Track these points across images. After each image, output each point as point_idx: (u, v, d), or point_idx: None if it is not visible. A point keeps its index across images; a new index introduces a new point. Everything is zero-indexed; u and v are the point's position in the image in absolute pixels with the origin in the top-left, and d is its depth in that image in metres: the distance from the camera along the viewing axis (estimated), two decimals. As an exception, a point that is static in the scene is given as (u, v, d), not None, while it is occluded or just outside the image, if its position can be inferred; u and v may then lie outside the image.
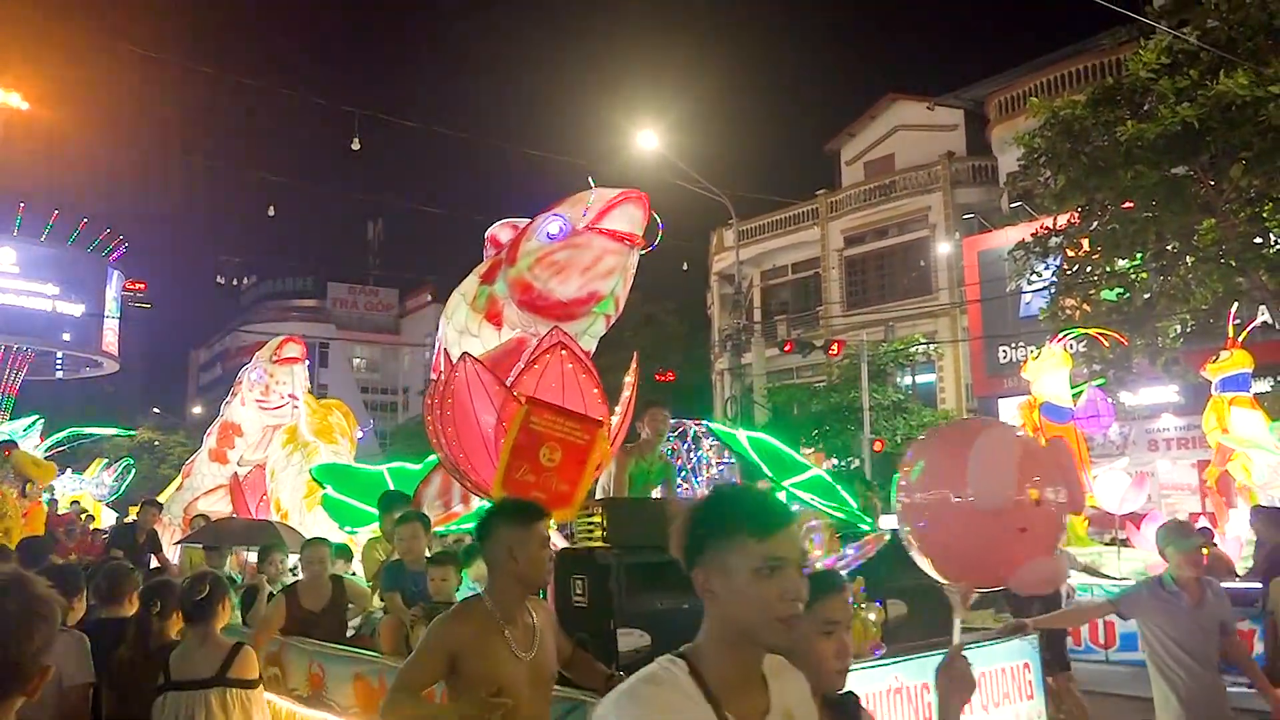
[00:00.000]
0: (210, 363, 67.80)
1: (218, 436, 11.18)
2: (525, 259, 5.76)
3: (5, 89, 35.83)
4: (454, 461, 4.79)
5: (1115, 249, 16.28)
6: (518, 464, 4.52)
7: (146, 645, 4.46)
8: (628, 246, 5.57)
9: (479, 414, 4.61)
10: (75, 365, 41.94)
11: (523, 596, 3.18)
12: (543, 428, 4.50)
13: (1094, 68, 25.25)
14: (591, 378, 4.75)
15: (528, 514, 3.17)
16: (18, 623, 1.77)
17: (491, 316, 5.98)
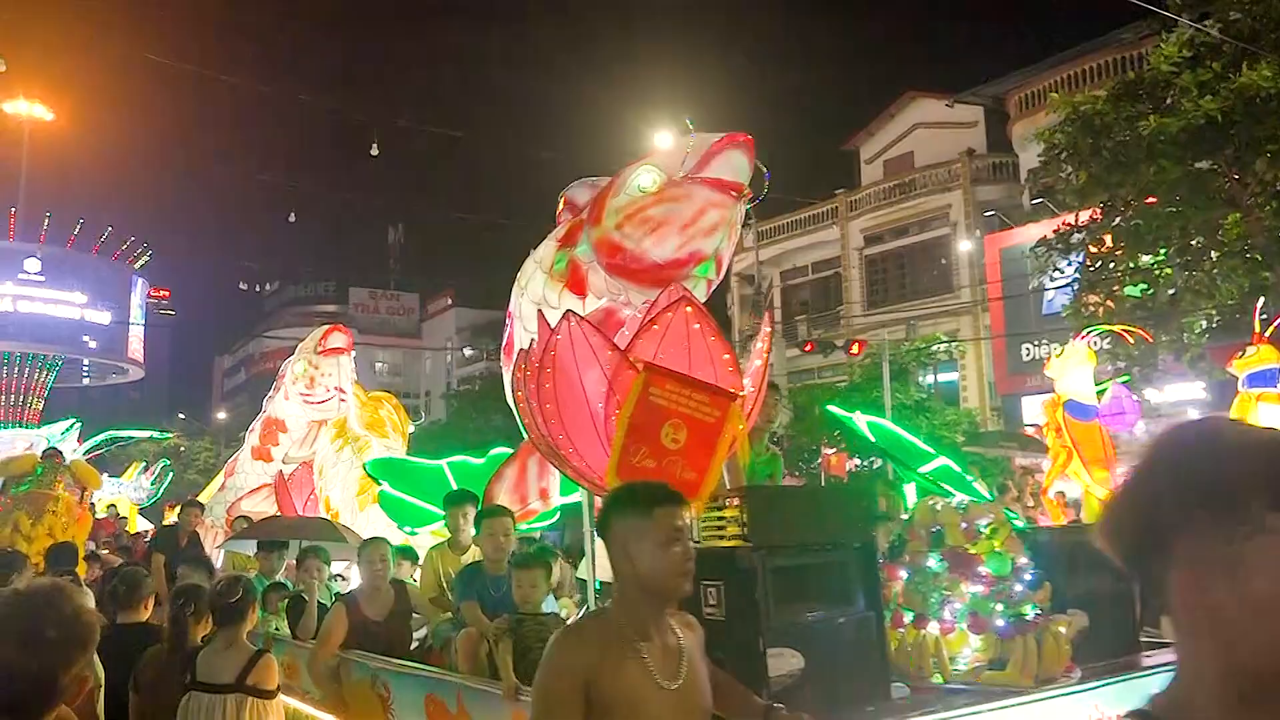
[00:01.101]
0: (234, 368, 67.24)
1: (260, 433, 10.43)
2: (613, 216, 5.00)
3: (30, 100, 35.53)
4: (553, 444, 4.01)
5: (1139, 245, 15.88)
6: (635, 446, 3.73)
7: (183, 647, 4.44)
8: (733, 198, 4.80)
9: (586, 386, 3.83)
10: (102, 372, 41.50)
11: (657, 609, 2.42)
12: (665, 401, 3.72)
13: (1115, 62, 24.90)
14: (722, 342, 3.96)
15: (646, 500, 2.43)
16: (59, 649, 1.73)
17: (574, 284, 5.23)
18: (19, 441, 19.69)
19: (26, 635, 1.73)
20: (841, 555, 3.78)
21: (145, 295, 41.42)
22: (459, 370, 51.65)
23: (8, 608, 1.79)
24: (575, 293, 5.23)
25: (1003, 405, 27.74)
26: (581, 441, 3.92)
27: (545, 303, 5.38)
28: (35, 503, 8.86)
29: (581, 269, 5.20)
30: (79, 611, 1.80)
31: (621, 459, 3.76)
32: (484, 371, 47.23)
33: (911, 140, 31.57)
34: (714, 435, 3.81)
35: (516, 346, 5.66)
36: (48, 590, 1.84)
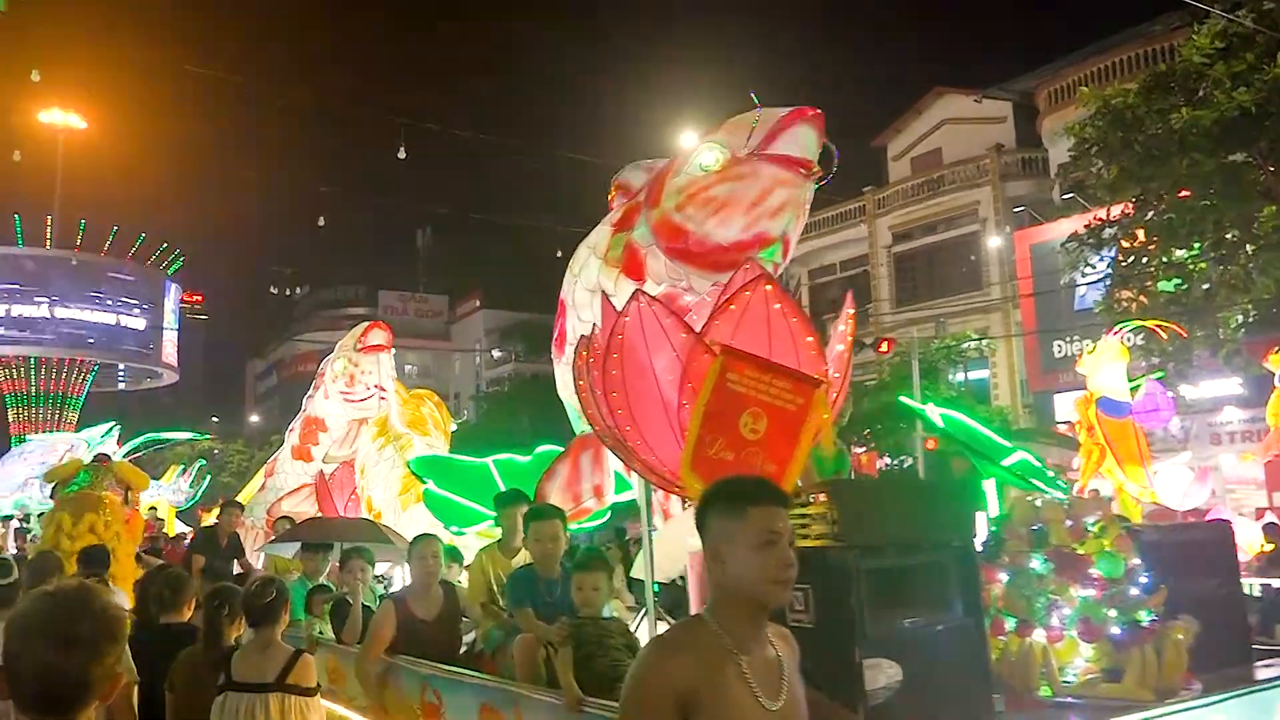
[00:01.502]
0: (266, 372, 67.36)
1: (300, 432, 10.13)
2: (673, 197, 4.66)
3: (64, 109, 35.81)
4: (619, 436, 3.67)
5: (1172, 239, 15.57)
6: (711, 436, 3.39)
7: (219, 647, 4.42)
8: (802, 176, 4.45)
9: (658, 373, 3.48)
10: (137, 377, 41.72)
11: (754, 619, 2.12)
12: (744, 388, 3.38)
13: (1145, 55, 24.37)
14: (804, 323, 3.60)
15: (739, 497, 2.13)
16: (91, 645, 1.75)
17: (631, 269, 4.89)
18: (59, 445, 19.60)
19: (59, 632, 1.73)
20: (939, 555, 3.42)
21: (178, 300, 41.66)
22: (488, 372, 51.51)
23: (40, 607, 1.79)
24: (633, 278, 4.90)
25: (1035, 403, 26.76)
26: (651, 433, 3.58)
27: (600, 289, 5.06)
28: (78, 504, 8.61)
29: (639, 253, 4.87)
30: (108, 607, 1.81)
31: (696, 451, 3.42)
32: (512, 373, 47.08)
33: (939, 137, 31.04)
34: (796, 425, 3.46)
35: (571, 336, 5.34)
36: (76, 589, 1.84)
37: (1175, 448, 18.68)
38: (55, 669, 1.72)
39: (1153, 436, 14.66)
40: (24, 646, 1.74)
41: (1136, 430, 10.90)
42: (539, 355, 50.08)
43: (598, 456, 5.45)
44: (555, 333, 5.64)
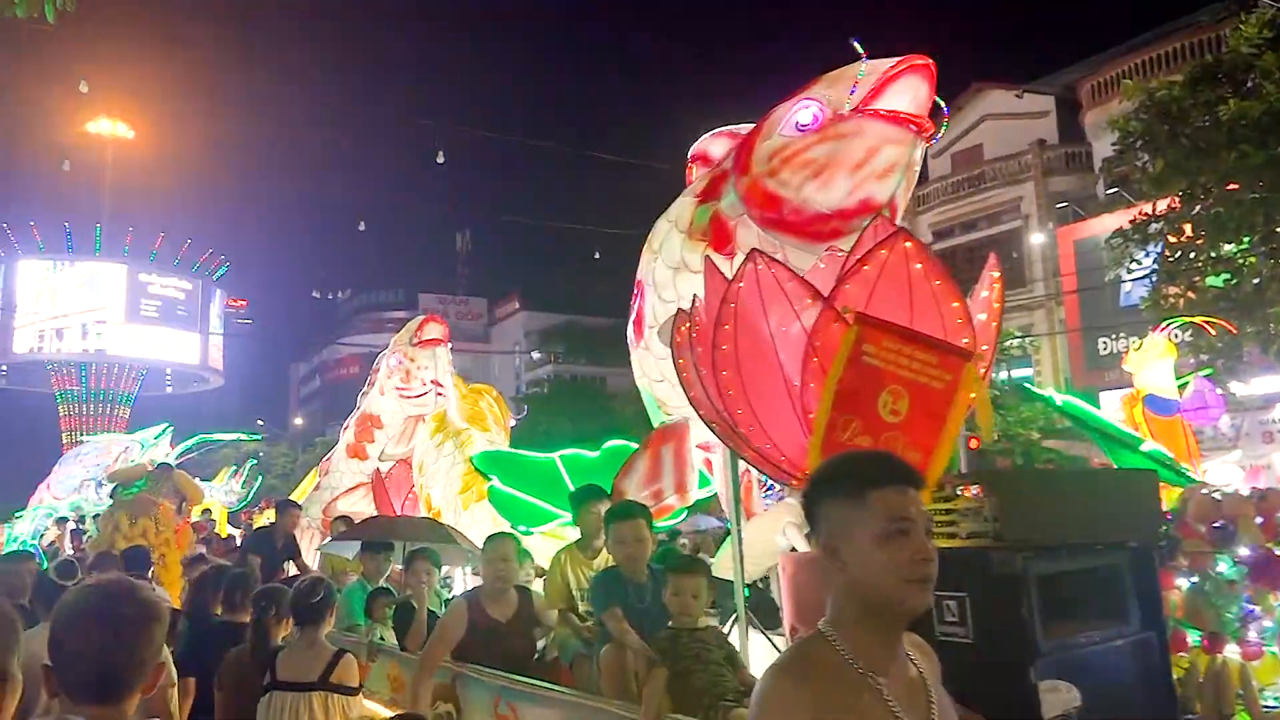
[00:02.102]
0: (309, 375, 67.51)
1: (355, 430, 9.65)
2: (766, 161, 4.13)
3: (112, 119, 36.10)
4: (729, 421, 3.14)
5: (1220, 233, 14.77)
6: (844, 419, 2.84)
7: (265, 647, 4.40)
8: (912, 133, 3.90)
9: (779, 346, 2.95)
10: (184, 381, 41.93)
11: (888, 629, 1.67)
12: (882, 362, 2.83)
13: (1191, 46, 23.66)
14: (949, 286, 3.05)
15: (856, 477, 1.70)
16: (136, 626, 1.76)
17: (719, 242, 4.37)
18: (114, 446, 19.48)
19: (106, 615, 1.74)
20: (1113, 558, 2.84)
21: (223, 305, 42.02)
22: (527, 374, 51.20)
23: (85, 595, 1.80)
24: (720, 252, 4.37)
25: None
26: (769, 416, 3.05)
27: (685, 266, 4.53)
28: (136, 506, 8.96)
29: (728, 224, 4.34)
30: (149, 593, 1.84)
31: (827, 436, 2.88)
32: (551, 375, 46.69)
33: (980, 133, 30.22)
34: (943, 405, 2.91)
35: (651, 318, 4.82)
36: (116, 578, 1.87)
37: (1226, 446, 17.89)
38: (104, 652, 1.72)
39: (1202, 435, 14.02)
40: (71, 633, 1.74)
41: (1185, 428, 10.54)
42: (578, 357, 49.76)
43: (680, 449, 4.92)
44: (632, 315, 5.12)
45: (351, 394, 10.77)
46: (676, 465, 4.88)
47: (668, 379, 4.89)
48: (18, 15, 6.18)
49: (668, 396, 4.95)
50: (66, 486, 19.52)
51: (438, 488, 7.21)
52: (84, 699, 1.71)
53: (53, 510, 19.14)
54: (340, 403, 59.43)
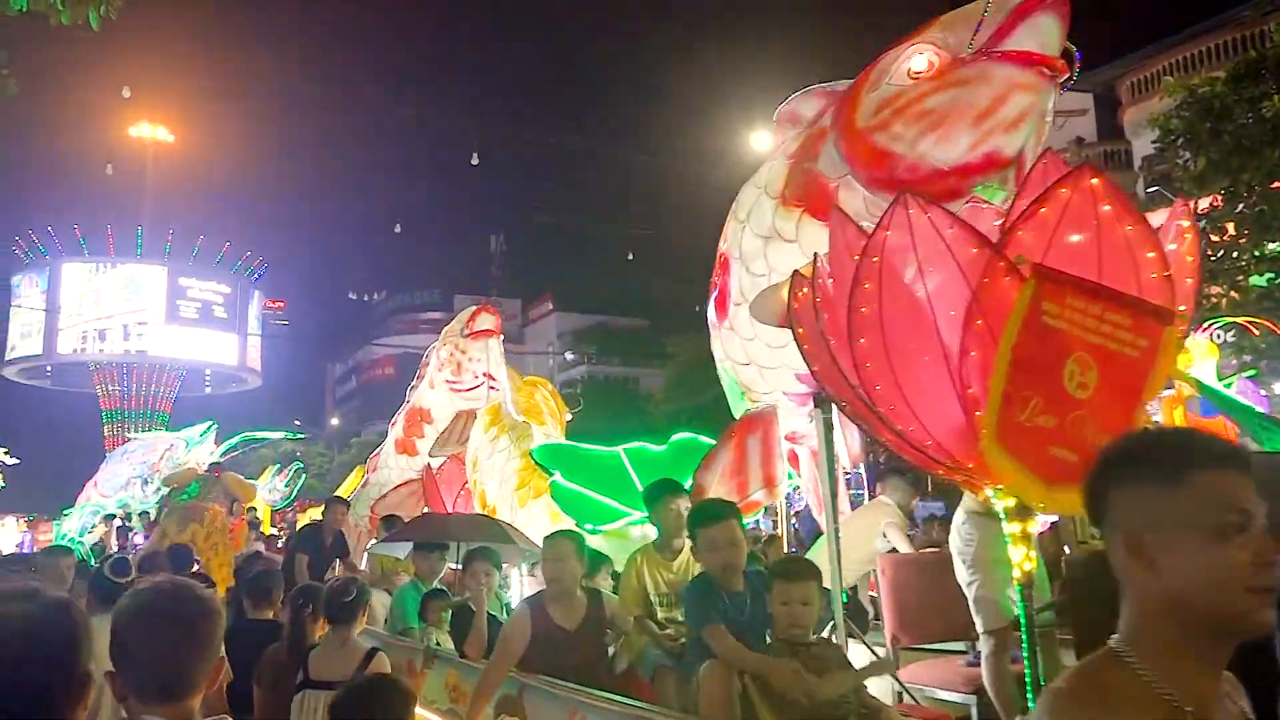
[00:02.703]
0: (345, 376, 67.44)
1: (404, 425, 9.17)
2: (874, 114, 3.62)
3: (154, 124, 36.31)
4: (866, 399, 2.63)
5: (1264, 231, 14.40)
6: (1022, 394, 2.33)
7: (301, 646, 4.36)
8: (1045, 78, 3.38)
9: (935, 306, 2.43)
10: (223, 381, 41.92)
11: (1212, 652, 1.25)
12: (1066, 324, 2.32)
13: (1233, 42, 22.89)
14: (1145, 231, 2.50)
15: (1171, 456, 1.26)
16: (200, 624, 1.76)
17: (817, 207, 3.85)
18: (160, 444, 19.35)
19: (169, 615, 1.74)
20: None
21: (261, 307, 42.01)
22: (560, 375, 50.88)
23: (145, 597, 1.79)
24: (820, 217, 3.86)
25: (1120, 400, 25.71)
26: (917, 391, 2.53)
27: (778, 234, 4.02)
28: (186, 513, 9.05)
29: (828, 186, 3.83)
30: (206, 593, 1.83)
31: (1003, 415, 2.36)
32: (585, 375, 46.28)
33: (1018, 131, 29.34)
34: (1138, 377, 2.39)
35: (737, 294, 4.32)
36: (173, 579, 1.87)
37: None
38: (172, 652, 1.72)
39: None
40: (136, 635, 1.74)
41: (1229, 431, 10.27)
42: (611, 358, 49.30)
43: (767, 440, 4.41)
44: (713, 294, 4.61)
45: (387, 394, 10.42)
46: (764, 457, 4.37)
47: (755, 361, 4.38)
48: (63, 23, 6.21)
49: (754, 381, 4.44)
50: (113, 484, 19.49)
51: (492, 484, 6.75)
52: (153, 700, 1.70)
53: (100, 508, 19.10)
54: (376, 403, 59.52)
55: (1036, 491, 2.46)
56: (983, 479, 2.58)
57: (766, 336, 4.18)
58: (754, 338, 4.24)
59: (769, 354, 4.21)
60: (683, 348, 32.46)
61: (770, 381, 4.31)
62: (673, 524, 4.33)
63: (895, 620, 4.29)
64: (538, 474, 6.43)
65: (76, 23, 6.20)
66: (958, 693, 3.87)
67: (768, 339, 4.18)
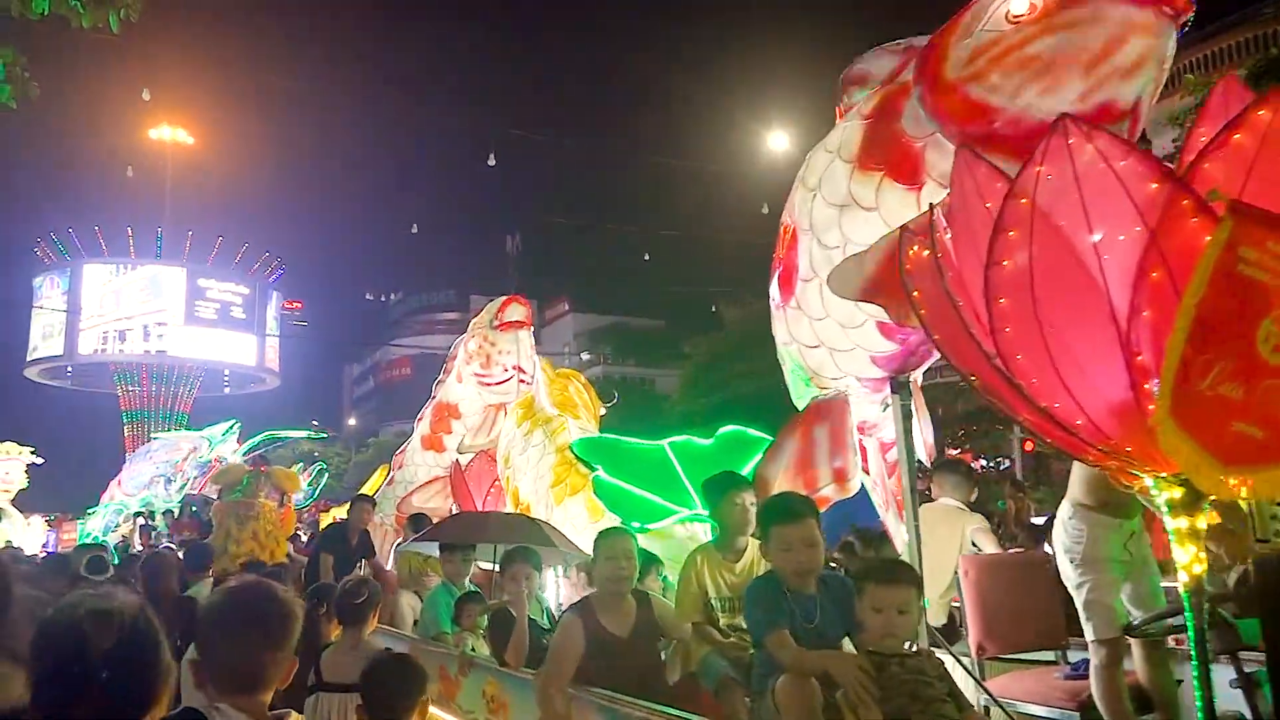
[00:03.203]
0: (363, 376, 67.12)
1: (431, 420, 8.68)
2: (967, 64, 3.18)
3: (173, 126, 36.20)
4: (1005, 370, 2.20)
5: None
6: (1205, 357, 1.91)
7: (316, 647, 4.25)
8: (1165, 17, 2.95)
9: (1104, 254, 2.01)
10: (241, 382, 41.82)
11: None
12: (1267, 273, 1.88)
13: (1254, 40, 22.62)
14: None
15: None
16: (278, 626, 1.89)
17: (900, 169, 3.43)
18: (183, 443, 19.20)
19: (254, 618, 1.87)
20: None
21: (280, 307, 41.94)
22: (576, 376, 50.45)
23: (231, 596, 1.93)
24: (903, 181, 3.44)
25: (1141, 399, 25.20)
26: (1071, 361, 2.10)
27: (854, 201, 3.59)
28: (242, 510, 9.22)
29: (913, 147, 3.40)
30: (287, 596, 1.96)
31: (1179, 384, 1.92)
32: (601, 376, 45.91)
33: (1038, 129, 28.85)
34: (1351, 341, 1.92)
35: (807, 268, 3.89)
36: (258, 582, 1.99)
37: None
38: (245, 648, 1.86)
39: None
40: (219, 631, 1.88)
41: None
42: (627, 359, 48.83)
43: (838, 430, 3.98)
44: (776, 270, 4.18)
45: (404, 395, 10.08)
46: (834, 449, 3.93)
47: (825, 343, 3.95)
48: (84, 26, 6.23)
49: (823, 365, 4.01)
50: (137, 483, 19.43)
51: (526, 480, 6.33)
52: (228, 690, 1.82)
53: (123, 506, 19.02)
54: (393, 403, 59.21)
55: (1211, 475, 2.02)
56: (1144, 464, 2.15)
57: (839, 315, 3.76)
58: (825, 317, 3.82)
59: (841, 335, 3.79)
60: (699, 348, 32.04)
61: (842, 365, 3.88)
62: (737, 521, 3.90)
63: (981, 628, 3.85)
64: (574, 470, 6.02)
65: (97, 26, 6.19)
66: (1059, 709, 3.43)
67: (841, 318, 3.76)
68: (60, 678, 1.55)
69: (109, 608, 1.59)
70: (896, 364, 3.81)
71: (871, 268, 3.25)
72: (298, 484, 10.76)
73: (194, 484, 17.84)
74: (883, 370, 3.83)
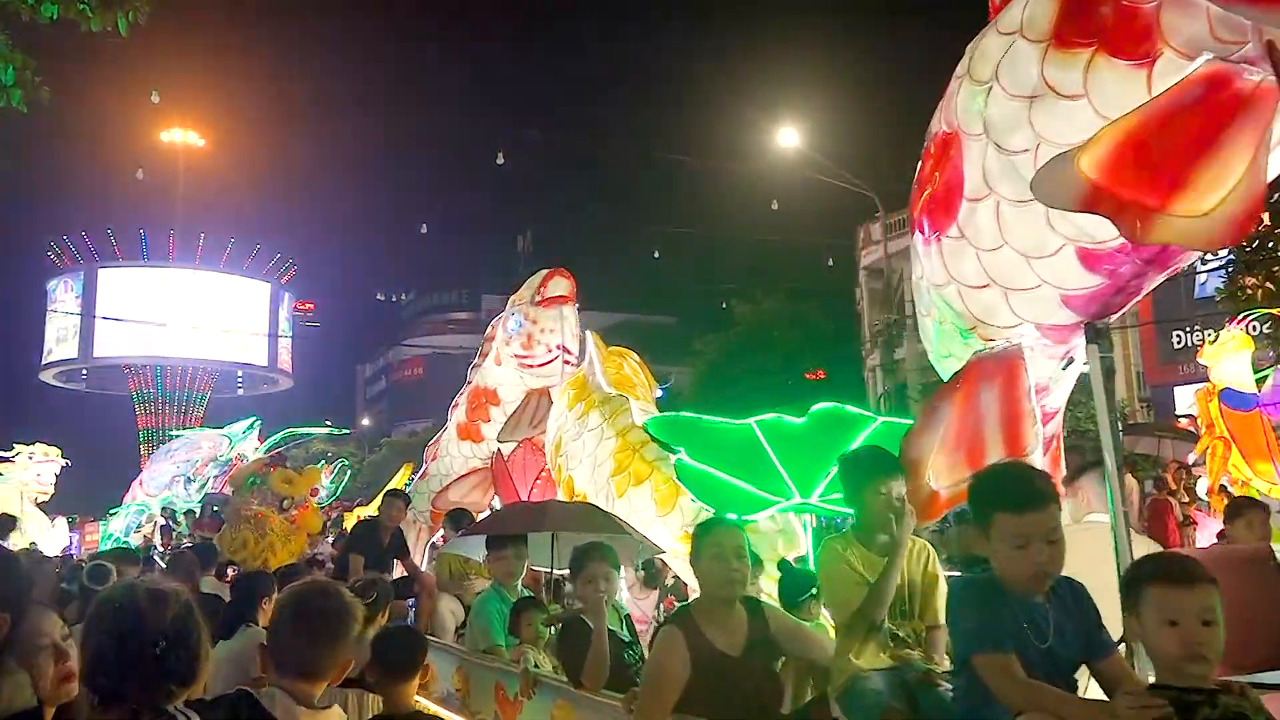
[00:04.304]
0: (375, 376, 66.02)
1: (467, 407, 7.58)
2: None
3: (184, 129, 35.52)
4: None
5: None
6: None
7: None
8: None
9: None
10: (254, 383, 41.16)
11: None
12: None
13: None
14: None
15: None
16: (337, 623, 2.03)
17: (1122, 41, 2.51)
18: (204, 441, 18.43)
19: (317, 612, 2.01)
20: None
21: (292, 308, 41.39)
22: (587, 375, 49.57)
23: (305, 590, 2.11)
24: (1123, 55, 2.51)
25: (1153, 396, 24.01)
26: None
27: (1052, 89, 2.66)
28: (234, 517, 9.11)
29: (1140, 9, 2.47)
30: (348, 597, 2.12)
31: None
32: (610, 375, 44.96)
33: (1046, 120, 27.98)
34: None
35: (974, 185, 2.96)
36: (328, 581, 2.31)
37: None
38: (306, 641, 2.00)
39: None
40: (285, 620, 2.06)
41: (1264, 423, 9.44)
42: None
43: (1012, 391, 3.05)
44: (921, 196, 3.26)
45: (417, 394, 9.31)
46: (1006, 415, 3.01)
47: (999, 280, 3.02)
48: (92, 29, 6.16)
49: (992, 310, 3.08)
50: (158, 483, 18.83)
51: (582, 470, 5.38)
52: (289, 675, 1.99)
53: (145, 507, 18.49)
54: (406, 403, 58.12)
55: None
56: None
57: (1023, 242, 2.85)
58: (1000, 246, 2.90)
59: (1023, 268, 2.88)
60: (710, 345, 31.14)
61: (1020, 309, 2.96)
62: (880, 514, 2.99)
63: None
64: (638, 456, 5.09)
65: (106, 29, 6.12)
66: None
67: (1025, 245, 2.84)
68: (117, 653, 1.64)
69: (164, 589, 1.70)
70: (1097, 305, 2.89)
71: (1105, 154, 2.33)
72: (300, 489, 9.98)
73: (215, 483, 17.09)
74: (1075, 314, 2.91)
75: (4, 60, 6.13)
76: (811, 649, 3.18)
